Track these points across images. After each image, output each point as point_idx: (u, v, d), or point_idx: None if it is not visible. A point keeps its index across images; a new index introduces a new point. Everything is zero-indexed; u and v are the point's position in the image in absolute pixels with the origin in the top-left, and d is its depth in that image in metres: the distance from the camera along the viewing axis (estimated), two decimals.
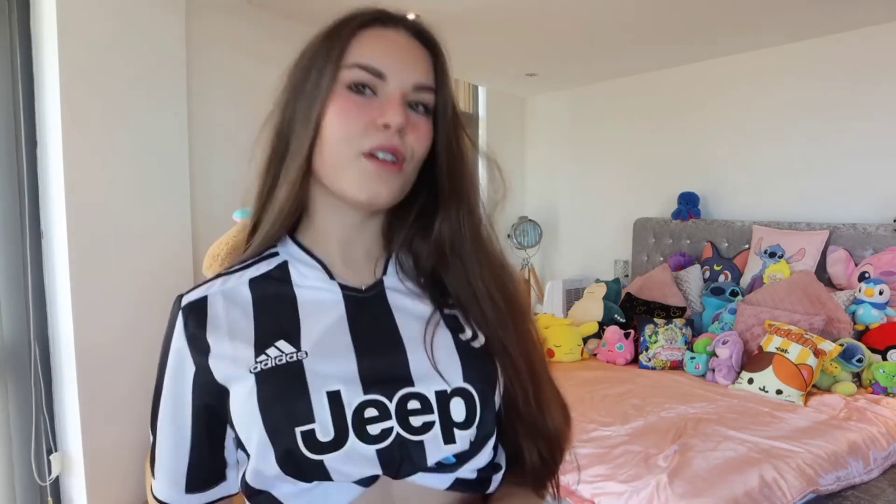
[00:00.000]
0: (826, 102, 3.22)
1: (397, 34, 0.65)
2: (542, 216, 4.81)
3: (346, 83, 0.61)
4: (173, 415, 0.64)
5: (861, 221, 3.06)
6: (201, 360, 0.62)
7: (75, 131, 2.04)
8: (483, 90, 4.70)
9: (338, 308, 0.64)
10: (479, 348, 0.64)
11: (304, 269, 0.66)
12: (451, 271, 0.66)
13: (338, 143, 0.60)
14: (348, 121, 0.60)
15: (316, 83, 0.62)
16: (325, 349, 0.60)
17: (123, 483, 2.19)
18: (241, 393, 0.59)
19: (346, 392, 0.58)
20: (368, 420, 0.57)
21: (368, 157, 0.59)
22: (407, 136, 0.61)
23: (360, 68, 0.61)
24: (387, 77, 0.61)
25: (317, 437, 0.56)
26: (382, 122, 0.59)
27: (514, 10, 2.85)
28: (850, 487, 1.91)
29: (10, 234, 2.03)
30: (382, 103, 0.60)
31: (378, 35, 0.63)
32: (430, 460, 0.58)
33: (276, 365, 0.59)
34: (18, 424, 2.06)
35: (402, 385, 0.59)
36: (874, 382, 2.53)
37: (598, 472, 1.85)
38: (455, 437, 0.59)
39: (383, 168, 0.60)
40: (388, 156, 0.60)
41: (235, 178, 2.68)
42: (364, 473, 0.57)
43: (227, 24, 2.66)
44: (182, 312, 0.64)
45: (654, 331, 3.05)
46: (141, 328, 2.25)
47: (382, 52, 0.62)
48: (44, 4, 2.00)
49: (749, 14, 2.89)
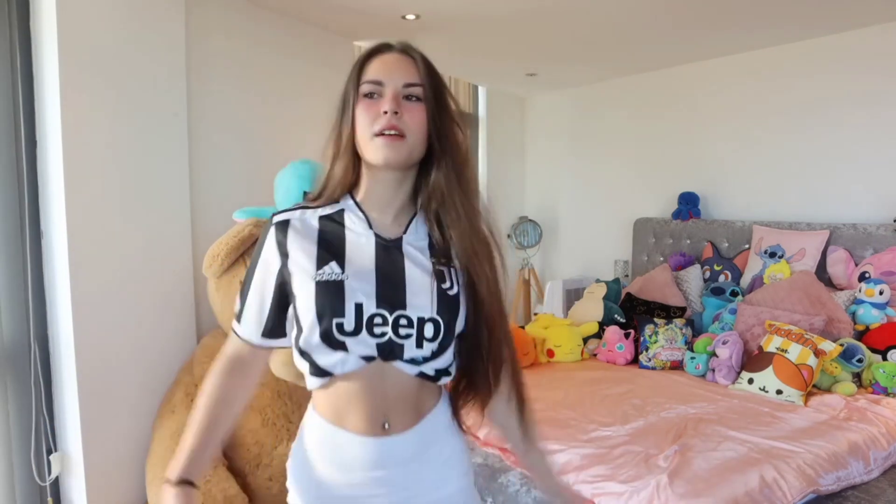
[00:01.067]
0: (826, 102, 3.22)
1: (389, 55, 0.97)
2: (542, 216, 4.81)
3: (363, 94, 0.95)
4: (261, 288, 0.99)
5: (861, 221, 3.06)
6: (283, 260, 0.97)
7: (75, 131, 2.04)
8: (483, 90, 4.70)
9: (370, 250, 0.97)
10: (452, 295, 0.97)
11: (354, 218, 0.99)
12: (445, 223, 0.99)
13: (361, 131, 0.95)
14: (365, 116, 0.94)
15: (349, 98, 0.97)
16: (358, 276, 0.94)
17: (123, 483, 2.19)
18: (305, 291, 0.93)
19: (366, 304, 0.93)
20: (375, 324, 0.92)
21: (378, 135, 0.93)
22: (403, 118, 0.93)
23: (368, 83, 0.95)
24: (384, 83, 0.95)
25: (344, 327, 0.91)
26: (382, 110, 0.93)
27: (514, 10, 2.85)
28: (850, 487, 1.91)
29: (10, 234, 2.03)
30: (384, 99, 0.94)
31: (377, 59, 0.97)
32: (405, 356, 0.94)
33: (328, 280, 0.93)
34: (18, 424, 2.06)
35: (399, 308, 0.94)
36: (874, 382, 2.53)
37: (598, 472, 1.85)
38: (423, 346, 0.94)
39: (390, 140, 0.93)
40: (391, 131, 0.93)
41: (235, 178, 2.68)
42: (367, 353, 0.93)
43: (227, 24, 2.66)
44: (274, 227, 0.99)
45: (654, 331, 3.05)
46: (141, 328, 2.25)
47: (380, 69, 0.96)
48: (43, 4, 2.00)
49: (749, 14, 2.89)
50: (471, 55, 3.68)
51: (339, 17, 2.94)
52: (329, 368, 0.93)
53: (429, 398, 1.00)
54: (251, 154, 2.76)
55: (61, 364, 2.09)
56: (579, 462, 1.92)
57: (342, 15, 2.90)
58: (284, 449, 2.19)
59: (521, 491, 1.92)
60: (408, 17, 2.92)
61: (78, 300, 2.05)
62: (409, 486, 0.97)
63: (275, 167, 2.38)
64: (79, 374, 2.05)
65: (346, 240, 0.97)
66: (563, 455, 1.97)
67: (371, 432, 0.95)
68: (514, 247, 4.65)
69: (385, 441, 0.95)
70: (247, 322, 1.01)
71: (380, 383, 0.94)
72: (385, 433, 0.95)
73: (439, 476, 1.01)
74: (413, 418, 0.97)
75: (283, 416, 2.20)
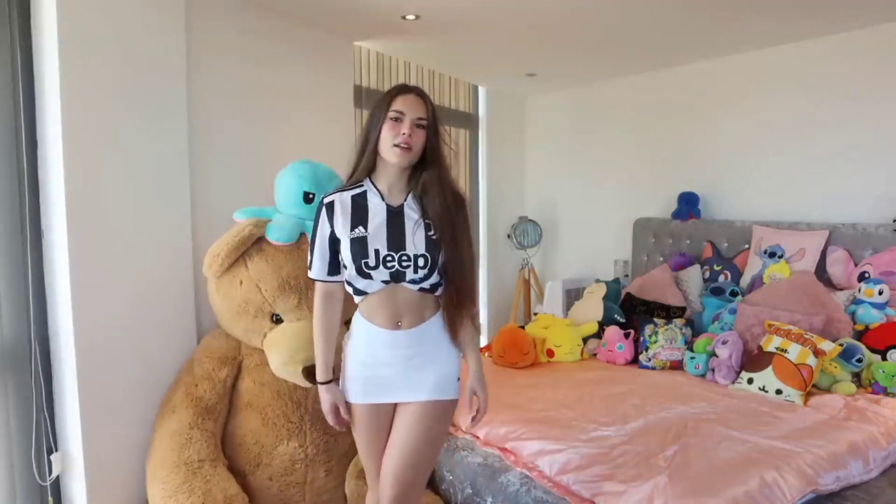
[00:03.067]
0: (826, 102, 3.22)
1: (410, 95, 1.56)
2: (542, 216, 4.81)
3: (391, 118, 1.53)
4: (321, 245, 1.61)
5: (861, 221, 3.06)
6: (332, 225, 1.58)
7: (76, 131, 2.04)
8: (483, 90, 4.70)
9: (383, 214, 1.57)
10: (434, 239, 1.55)
11: (373, 194, 1.60)
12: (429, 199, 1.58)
13: (385, 141, 1.54)
14: (390, 133, 1.53)
15: (378, 118, 1.55)
16: (376, 232, 1.55)
17: (124, 483, 2.19)
18: (346, 244, 1.55)
19: (381, 250, 1.53)
20: (387, 261, 1.53)
21: (396, 146, 1.53)
22: (413, 138, 1.54)
23: (395, 111, 1.53)
24: (405, 113, 1.54)
25: (369, 264, 1.53)
26: (401, 132, 1.53)
27: (514, 10, 2.85)
28: (849, 487, 1.91)
29: (11, 233, 2.03)
30: (403, 124, 1.53)
31: (401, 97, 1.55)
32: (407, 278, 1.55)
33: (357, 236, 1.54)
34: (18, 424, 2.06)
35: (402, 249, 1.54)
36: (874, 382, 2.53)
37: (598, 472, 1.86)
38: (418, 272, 1.55)
39: (403, 151, 1.53)
40: (405, 145, 1.53)
41: (235, 178, 2.68)
42: (384, 278, 1.54)
43: (227, 24, 2.66)
44: (324, 206, 1.60)
45: (654, 331, 3.06)
46: (141, 328, 2.25)
47: (403, 104, 1.54)
48: (44, 3, 2.00)
49: (749, 14, 2.89)
50: (471, 55, 3.68)
51: (339, 18, 2.94)
52: (363, 289, 1.57)
53: (427, 308, 1.60)
54: (251, 154, 2.76)
55: (62, 364, 2.09)
56: (579, 462, 1.92)
57: (342, 15, 2.90)
58: (285, 448, 2.19)
59: (521, 491, 1.93)
60: (408, 17, 2.92)
61: (78, 300, 2.05)
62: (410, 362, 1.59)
63: (275, 167, 2.38)
64: (79, 374, 2.05)
65: (369, 209, 1.57)
66: (563, 455, 1.97)
67: (390, 327, 1.57)
68: (514, 247, 4.66)
69: (398, 333, 1.57)
70: (316, 267, 1.62)
71: (394, 297, 1.56)
72: (398, 328, 1.57)
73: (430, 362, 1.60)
74: (417, 321, 1.58)
75: (283, 416, 2.20)
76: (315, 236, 1.60)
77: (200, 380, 2.20)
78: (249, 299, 2.17)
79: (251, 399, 2.23)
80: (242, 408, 2.23)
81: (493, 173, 4.79)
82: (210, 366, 2.23)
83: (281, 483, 2.19)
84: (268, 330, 2.20)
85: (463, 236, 1.59)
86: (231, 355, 2.28)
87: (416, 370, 1.58)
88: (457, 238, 1.57)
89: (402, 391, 1.59)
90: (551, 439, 2.07)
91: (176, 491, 1.97)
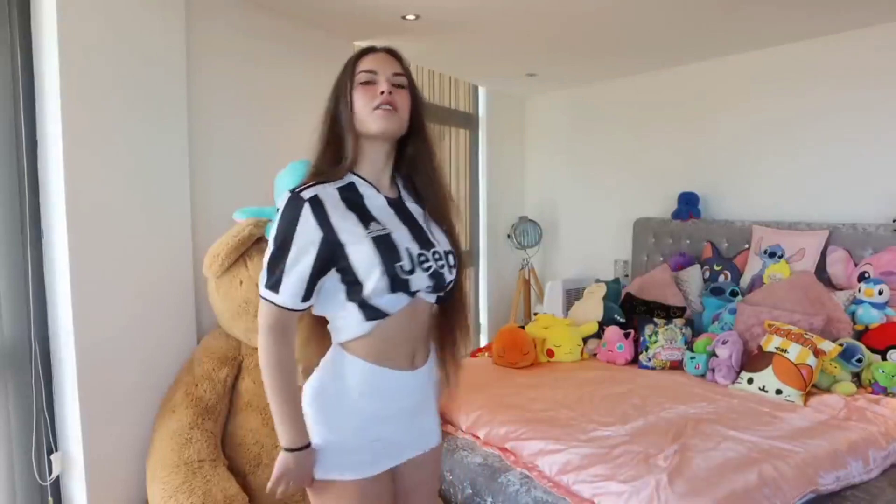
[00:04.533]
0: (826, 102, 3.22)
1: (378, 53, 1.24)
2: (542, 216, 4.81)
3: (360, 82, 1.21)
4: (299, 259, 1.12)
5: (861, 221, 3.06)
6: (326, 231, 1.13)
7: (76, 132, 2.04)
8: (483, 90, 4.70)
9: (388, 209, 1.23)
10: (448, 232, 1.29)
11: (366, 186, 1.23)
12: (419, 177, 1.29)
13: (362, 108, 1.20)
14: (365, 98, 1.20)
15: (344, 88, 1.22)
16: (395, 229, 1.19)
17: (124, 483, 2.19)
18: (361, 248, 1.13)
19: (412, 248, 1.18)
20: (422, 261, 1.19)
21: (377, 109, 1.18)
22: (395, 97, 1.20)
23: (364, 72, 1.22)
24: (377, 71, 1.21)
25: (404, 268, 1.15)
26: (380, 91, 1.20)
27: (514, 10, 2.85)
28: (849, 487, 1.91)
29: (11, 234, 2.03)
30: (378, 84, 1.20)
31: (368, 56, 1.24)
32: (446, 280, 1.23)
33: (379, 234, 1.15)
34: (19, 424, 2.06)
35: (432, 246, 1.22)
36: (874, 382, 2.53)
37: (598, 472, 1.85)
38: (452, 272, 1.25)
39: (387, 112, 1.19)
40: (387, 106, 1.19)
41: (235, 178, 2.68)
42: (426, 285, 1.19)
43: (227, 24, 2.66)
44: (308, 203, 1.14)
45: (654, 331, 3.06)
46: (141, 328, 2.25)
47: (372, 62, 1.23)
48: (44, 4, 2.00)
49: (749, 15, 2.89)
50: (471, 55, 3.68)
51: (339, 18, 2.94)
52: (385, 309, 1.16)
53: (429, 338, 1.28)
54: (251, 154, 2.76)
55: (62, 364, 2.09)
56: (579, 462, 1.92)
57: (342, 15, 2.90)
58: None
59: (520, 491, 1.93)
60: (408, 17, 2.92)
61: (78, 300, 2.05)
62: (419, 410, 1.27)
63: (275, 167, 2.38)
64: (79, 374, 2.05)
65: (367, 204, 1.21)
66: (563, 455, 1.97)
67: (407, 366, 1.21)
68: (514, 247, 4.66)
69: (416, 374, 1.23)
70: (286, 291, 1.13)
71: (413, 318, 1.20)
72: (414, 366, 1.23)
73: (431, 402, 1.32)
74: (426, 355, 1.27)
75: None
76: (287, 245, 1.12)
77: (200, 380, 2.20)
78: (249, 299, 2.17)
79: (251, 399, 2.23)
80: (242, 408, 2.23)
81: (493, 173, 4.79)
82: (210, 366, 2.23)
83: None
84: None
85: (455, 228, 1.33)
86: (231, 355, 2.28)
87: (421, 414, 1.28)
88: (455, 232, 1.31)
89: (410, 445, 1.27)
90: (551, 439, 2.07)
91: (176, 491, 1.97)
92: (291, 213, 1.13)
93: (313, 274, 1.14)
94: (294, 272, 1.12)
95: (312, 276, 1.14)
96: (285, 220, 1.13)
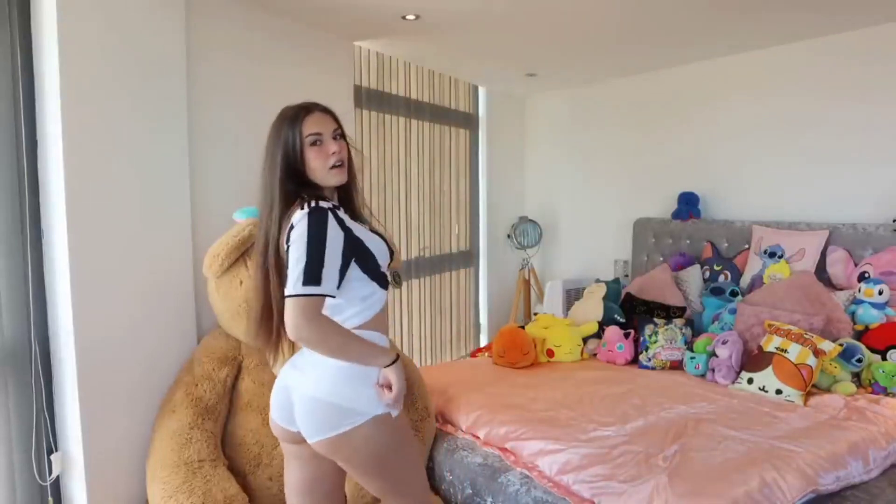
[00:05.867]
0: (826, 102, 3.23)
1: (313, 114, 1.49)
2: (542, 216, 4.81)
3: (309, 143, 1.47)
4: (335, 253, 1.37)
5: (861, 221, 3.06)
6: (346, 232, 1.42)
7: (76, 132, 2.03)
8: (483, 90, 4.70)
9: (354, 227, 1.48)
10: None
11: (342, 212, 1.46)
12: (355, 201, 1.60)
13: (319, 170, 1.48)
14: (318, 159, 1.47)
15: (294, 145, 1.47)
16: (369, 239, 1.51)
17: (124, 483, 2.19)
18: (376, 243, 1.52)
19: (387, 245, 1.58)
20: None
21: (332, 168, 1.48)
22: (342, 153, 1.50)
23: (312, 135, 1.47)
24: (322, 133, 1.48)
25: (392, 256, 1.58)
26: (331, 152, 1.48)
27: (514, 10, 2.85)
28: (849, 487, 1.91)
29: (11, 234, 2.03)
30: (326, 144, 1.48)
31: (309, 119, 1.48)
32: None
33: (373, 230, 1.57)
34: (19, 424, 2.06)
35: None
36: (874, 382, 2.53)
37: (598, 472, 1.86)
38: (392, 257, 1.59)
39: (339, 169, 1.49)
40: (339, 163, 1.49)
41: (235, 178, 2.68)
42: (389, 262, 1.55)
43: (227, 24, 2.66)
44: (330, 212, 1.39)
45: (654, 331, 3.06)
46: (141, 328, 2.25)
47: (315, 125, 1.48)
48: (44, 4, 2.00)
49: (748, 15, 2.89)
50: (471, 55, 3.68)
51: (339, 18, 2.94)
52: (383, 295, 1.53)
53: None
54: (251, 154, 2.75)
55: (62, 363, 2.09)
56: (579, 462, 1.92)
57: (342, 15, 2.90)
58: None
59: (521, 491, 1.93)
60: (408, 17, 2.92)
61: (78, 300, 2.05)
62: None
63: None
64: (79, 374, 2.05)
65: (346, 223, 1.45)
66: (563, 455, 1.97)
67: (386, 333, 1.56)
68: (514, 247, 4.66)
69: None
70: (328, 279, 1.35)
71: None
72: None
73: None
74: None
75: None
76: (323, 245, 1.35)
77: (200, 380, 2.20)
78: (249, 299, 2.17)
79: (251, 399, 2.23)
80: (242, 408, 2.23)
81: (493, 173, 4.79)
82: (210, 366, 2.23)
83: (281, 483, 2.18)
84: None
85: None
86: (231, 355, 2.28)
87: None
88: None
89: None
90: (551, 439, 2.07)
91: (176, 491, 1.97)
92: (318, 221, 1.37)
93: (342, 266, 1.40)
94: (331, 266, 1.35)
95: (342, 269, 1.40)
96: (315, 226, 1.35)
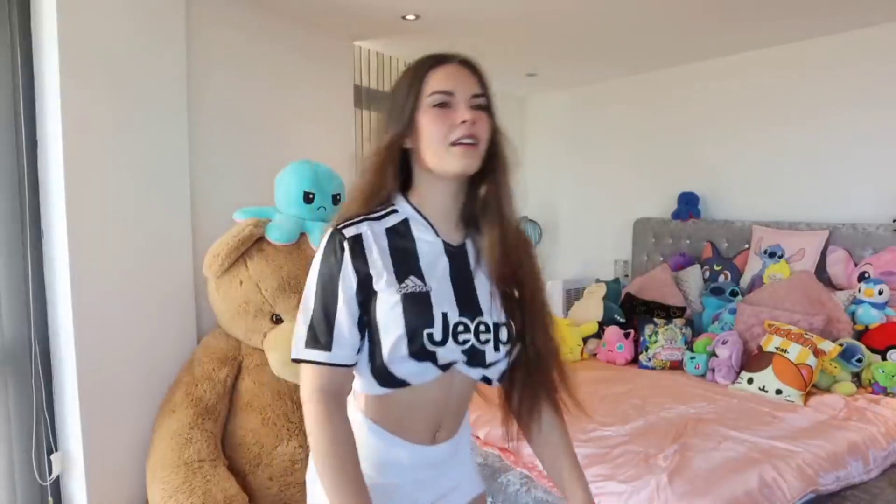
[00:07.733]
0: (826, 102, 3.22)
1: (452, 65, 0.98)
2: (542, 216, 4.81)
3: (432, 104, 0.94)
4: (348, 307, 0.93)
5: (861, 221, 3.06)
6: (362, 276, 0.93)
7: (76, 131, 2.04)
8: None
9: (443, 259, 0.98)
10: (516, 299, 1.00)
11: (421, 227, 0.99)
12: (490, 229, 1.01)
13: (437, 141, 0.94)
14: (439, 127, 0.93)
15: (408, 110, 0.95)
16: (439, 286, 0.95)
17: (124, 483, 2.19)
18: (389, 301, 0.92)
19: (450, 313, 0.94)
20: (459, 332, 0.94)
21: (455, 144, 0.93)
22: (476, 126, 0.94)
23: (438, 93, 0.94)
24: (455, 93, 0.95)
25: (434, 337, 0.92)
26: (460, 120, 0.93)
27: (514, 10, 2.85)
28: (849, 487, 1.91)
29: (11, 234, 2.03)
30: (457, 109, 0.94)
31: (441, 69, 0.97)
32: (488, 360, 0.97)
33: (413, 292, 0.93)
34: (19, 424, 2.06)
35: (478, 314, 0.97)
36: (874, 382, 2.53)
37: (598, 472, 1.85)
38: (500, 349, 0.98)
39: (468, 148, 0.94)
40: (469, 140, 0.93)
41: (235, 178, 2.68)
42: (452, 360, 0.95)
43: (227, 24, 2.66)
44: (348, 243, 0.93)
45: (654, 331, 3.06)
46: (141, 328, 2.25)
47: (448, 79, 0.96)
48: (44, 3, 2.00)
49: (747, 14, 2.89)
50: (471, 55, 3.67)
51: (339, 18, 2.94)
52: (408, 378, 0.94)
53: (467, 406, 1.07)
54: (252, 154, 2.76)
55: (62, 364, 2.09)
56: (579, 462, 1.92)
57: (342, 15, 2.90)
58: (285, 448, 2.19)
59: (521, 491, 1.93)
60: (408, 17, 2.92)
61: (78, 300, 2.05)
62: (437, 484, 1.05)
63: (275, 167, 2.39)
64: (79, 374, 2.05)
65: (419, 250, 0.97)
66: None
67: (426, 440, 1.00)
68: None
69: (432, 449, 1.02)
70: (341, 345, 0.92)
71: (447, 392, 0.99)
72: (434, 442, 1.01)
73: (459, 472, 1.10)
74: (456, 427, 1.05)
75: (284, 416, 2.20)
76: (333, 294, 0.93)
77: (200, 380, 2.20)
78: (249, 299, 2.17)
79: (251, 399, 2.23)
80: (242, 408, 2.23)
81: None
82: (210, 366, 2.23)
83: (281, 483, 2.19)
84: (268, 330, 2.20)
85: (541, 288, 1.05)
86: (231, 355, 2.28)
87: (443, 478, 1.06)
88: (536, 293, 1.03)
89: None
90: None
91: (176, 491, 1.97)
92: (332, 253, 0.93)
93: (359, 322, 0.94)
94: (345, 322, 0.92)
95: (359, 325, 0.94)
96: (326, 262, 0.94)
